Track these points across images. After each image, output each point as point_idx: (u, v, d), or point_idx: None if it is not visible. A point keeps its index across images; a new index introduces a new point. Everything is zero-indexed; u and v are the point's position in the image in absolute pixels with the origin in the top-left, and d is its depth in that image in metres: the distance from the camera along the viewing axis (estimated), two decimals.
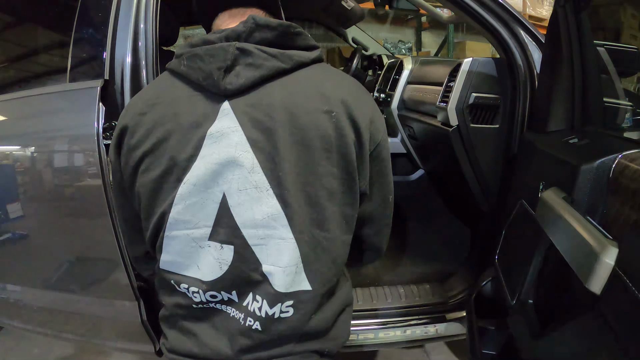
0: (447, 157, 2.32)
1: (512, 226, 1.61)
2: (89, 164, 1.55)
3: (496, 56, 1.96)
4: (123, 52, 1.56)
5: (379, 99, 3.47)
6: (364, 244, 1.23)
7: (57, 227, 1.74)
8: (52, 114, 1.67)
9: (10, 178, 1.70)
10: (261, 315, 1.00)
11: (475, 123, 1.94)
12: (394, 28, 6.98)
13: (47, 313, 1.93)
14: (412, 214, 3.24)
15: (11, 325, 2.11)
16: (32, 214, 1.75)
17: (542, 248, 1.25)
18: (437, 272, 2.40)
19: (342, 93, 0.99)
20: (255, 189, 0.94)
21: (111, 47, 1.56)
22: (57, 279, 1.83)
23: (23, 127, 1.72)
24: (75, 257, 1.77)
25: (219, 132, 0.94)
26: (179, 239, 1.00)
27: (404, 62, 3.09)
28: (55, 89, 1.67)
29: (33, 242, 1.80)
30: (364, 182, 1.03)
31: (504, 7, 1.79)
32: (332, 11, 4.18)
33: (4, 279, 1.94)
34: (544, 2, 5.86)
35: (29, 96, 1.72)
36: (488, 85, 1.92)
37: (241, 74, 0.94)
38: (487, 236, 2.08)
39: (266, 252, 0.97)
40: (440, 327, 2.01)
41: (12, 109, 1.74)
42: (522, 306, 1.35)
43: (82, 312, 1.87)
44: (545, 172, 1.35)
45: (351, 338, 1.96)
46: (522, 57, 1.80)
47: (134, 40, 1.56)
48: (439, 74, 2.38)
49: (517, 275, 1.42)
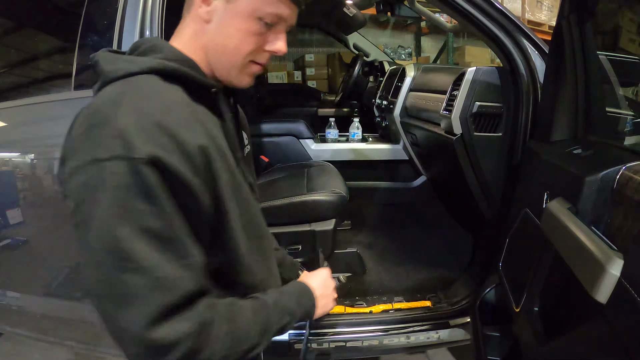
0: (450, 164, 2.33)
1: (516, 234, 1.62)
2: None
3: (496, 60, 1.98)
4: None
5: (380, 106, 3.49)
6: None
7: (58, 234, 1.74)
8: (58, 122, 1.66)
9: (13, 184, 1.71)
10: None
11: (478, 131, 1.95)
12: (394, 33, 7.02)
13: (49, 320, 1.94)
14: (414, 220, 3.26)
15: (13, 332, 2.11)
16: (34, 220, 1.76)
17: (547, 257, 1.26)
18: (440, 278, 2.42)
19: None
20: None
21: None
22: (60, 286, 1.84)
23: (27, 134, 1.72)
24: (77, 264, 1.77)
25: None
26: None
27: (406, 69, 3.11)
28: (61, 97, 1.67)
29: (35, 249, 1.81)
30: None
31: (507, 17, 1.80)
32: (333, 17, 4.21)
33: (6, 285, 1.95)
34: (543, 7, 5.90)
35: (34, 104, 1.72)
36: (491, 94, 1.93)
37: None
38: (489, 243, 2.09)
39: None
40: (444, 333, 2.02)
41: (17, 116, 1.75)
42: (528, 313, 1.36)
43: (85, 319, 1.87)
44: (550, 182, 1.36)
45: (355, 345, 1.98)
46: (525, 66, 1.82)
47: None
48: (442, 82, 2.40)
49: (521, 282, 1.43)
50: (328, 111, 4.56)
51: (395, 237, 3.00)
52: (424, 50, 7.10)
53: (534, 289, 1.35)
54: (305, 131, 3.46)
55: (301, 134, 3.45)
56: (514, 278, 1.58)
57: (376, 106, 3.70)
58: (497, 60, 1.96)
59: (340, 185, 2.46)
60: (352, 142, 3.52)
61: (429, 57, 6.88)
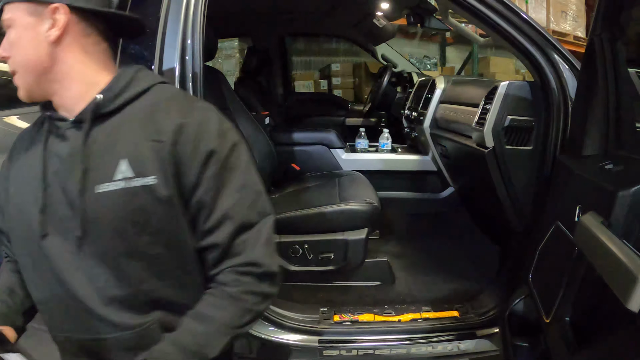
0: (479, 177, 2.36)
1: (547, 247, 1.63)
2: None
3: (520, 71, 2.00)
4: (171, 67, 1.58)
5: (410, 117, 3.51)
6: None
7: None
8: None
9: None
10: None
11: (510, 145, 1.98)
12: (418, 43, 7.04)
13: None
14: (442, 231, 3.27)
15: (39, 329, 2.14)
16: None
17: (580, 268, 1.28)
18: (467, 289, 2.43)
19: None
20: None
21: (159, 62, 1.57)
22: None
23: None
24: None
25: None
26: None
27: (436, 81, 3.13)
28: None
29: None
30: None
31: (538, 31, 1.83)
32: (363, 28, 4.24)
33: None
34: (567, 17, 5.87)
35: None
36: (523, 108, 1.96)
37: None
38: (517, 255, 2.11)
39: None
40: (470, 344, 2.03)
41: None
42: (559, 323, 1.38)
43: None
44: (582, 196, 1.38)
45: (383, 353, 2.01)
46: (556, 80, 1.84)
47: (182, 56, 1.58)
48: (473, 95, 2.42)
49: (552, 293, 1.45)
50: (356, 121, 4.58)
51: (423, 247, 3.02)
52: (449, 61, 7.11)
53: (565, 300, 1.37)
54: (337, 141, 3.48)
55: (332, 143, 3.48)
56: (544, 289, 1.59)
57: (405, 117, 3.73)
58: (523, 70, 1.99)
59: (372, 195, 2.50)
60: (382, 153, 3.54)
61: (453, 67, 6.90)
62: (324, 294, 2.44)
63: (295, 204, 2.53)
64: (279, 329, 2.00)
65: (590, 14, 6.03)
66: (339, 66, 6.41)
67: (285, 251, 2.39)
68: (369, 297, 2.42)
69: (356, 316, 2.14)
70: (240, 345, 1.97)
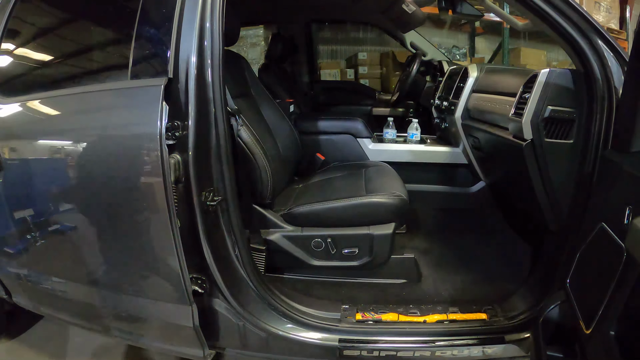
0: (514, 171, 2.27)
1: (589, 250, 1.53)
2: (150, 163, 1.54)
3: (552, 63, 1.88)
4: (188, 51, 1.57)
5: (440, 107, 3.41)
6: None
7: (114, 225, 1.74)
8: (112, 110, 1.68)
9: (66, 172, 1.73)
10: None
11: (549, 137, 1.87)
12: (447, 33, 6.95)
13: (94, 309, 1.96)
14: (471, 227, 3.18)
15: (55, 316, 2.15)
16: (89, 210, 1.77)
17: (631, 277, 1.17)
18: (496, 290, 2.32)
19: None
20: None
21: (175, 45, 1.56)
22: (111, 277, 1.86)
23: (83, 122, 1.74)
24: (130, 256, 1.78)
25: None
26: None
27: (469, 69, 3.02)
28: (117, 86, 1.69)
29: (83, 237, 1.82)
30: None
31: (583, 15, 1.70)
32: (391, 14, 4.15)
33: (53, 271, 1.99)
34: (601, 8, 5.78)
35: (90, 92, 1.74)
36: (564, 98, 1.84)
37: None
38: (552, 256, 2.00)
39: None
40: (498, 349, 1.92)
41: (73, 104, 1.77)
42: (602, 336, 1.27)
43: (130, 312, 1.90)
44: (633, 196, 1.27)
45: (406, 355, 1.92)
46: (600, 70, 1.70)
47: (200, 39, 1.57)
48: (510, 84, 2.32)
49: (594, 302, 1.34)
50: (383, 110, 4.53)
51: (451, 244, 2.92)
52: (478, 51, 7.00)
53: (610, 311, 1.26)
54: (364, 130, 3.41)
55: (359, 132, 3.40)
56: (585, 297, 1.49)
57: (435, 107, 3.63)
58: (554, 63, 1.87)
59: (400, 187, 2.42)
60: (410, 143, 3.46)
61: (483, 58, 6.79)
62: (346, 291, 2.36)
63: (320, 195, 2.46)
64: (297, 326, 1.94)
65: (624, 5, 5.95)
66: (366, 55, 6.36)
67: (308, 245, 2.32)
68: (394, 296, 2.33)
69: (379, 315, 2.05)
70: (255, 340, 1.92)
